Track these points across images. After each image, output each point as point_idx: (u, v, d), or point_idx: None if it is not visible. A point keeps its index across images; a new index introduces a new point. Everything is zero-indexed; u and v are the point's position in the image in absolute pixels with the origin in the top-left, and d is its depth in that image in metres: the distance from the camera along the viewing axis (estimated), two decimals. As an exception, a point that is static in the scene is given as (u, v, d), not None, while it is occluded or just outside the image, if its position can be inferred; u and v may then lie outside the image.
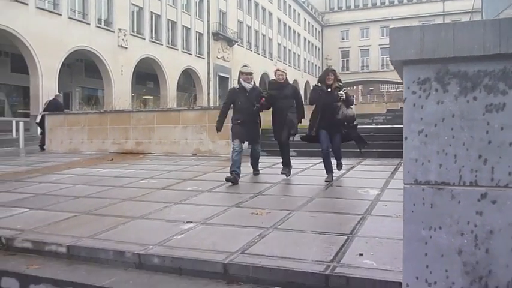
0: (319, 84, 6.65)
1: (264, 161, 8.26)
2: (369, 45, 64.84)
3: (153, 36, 34.25)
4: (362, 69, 65.82)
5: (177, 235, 3.92)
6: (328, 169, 6.56)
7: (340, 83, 6.55)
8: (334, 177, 6.66)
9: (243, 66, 6.94)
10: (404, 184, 1.73)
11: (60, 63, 25.99)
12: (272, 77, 7.47)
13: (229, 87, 27.83)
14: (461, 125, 1.67)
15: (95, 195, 5.99)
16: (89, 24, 28.09)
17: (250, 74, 6.96)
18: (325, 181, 6.39)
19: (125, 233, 4.04)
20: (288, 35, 59.19)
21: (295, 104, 6.87)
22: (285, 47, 57.91)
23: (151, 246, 3.60)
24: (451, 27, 1.66)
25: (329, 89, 6.43)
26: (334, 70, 6.68)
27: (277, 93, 6.79)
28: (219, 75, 42.48)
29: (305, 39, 64.74)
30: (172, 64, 35.10)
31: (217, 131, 6.94)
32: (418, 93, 1.73)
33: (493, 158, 1.62)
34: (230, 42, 44.06)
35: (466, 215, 1.66)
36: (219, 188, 6.24)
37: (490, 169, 1.63)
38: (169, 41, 36.24)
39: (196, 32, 39.86)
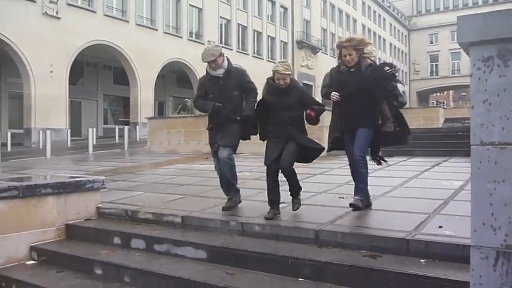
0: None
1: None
2: (460, 48, 61.66)
3: (240, 47, 35.75)
4: (453, 73, 62.75)
5: (273, 211, 4.49)
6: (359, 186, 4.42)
7: (370, 58, 4.35)
8: (417, 174, 6.72)
9: (202, 54, 4.64)
10: (471, 145, 2.11)
11: (156, 75, 28.13)
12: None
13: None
14: (521, 93, 2.02)
15: (197, 183, 6.77)
16: (181, 37, 30.11)
17: (210, 61, 4.55)
18: (351, 206, 4.28)
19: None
20: (373, 40, 58.24)
21: (303, 117, 4.54)
22: (369, 53, 57.01)
23: (251, 218, 4.19)
24: (510, 13, 2.03)
25: (352, 69, 4.28)
26: (351, 40, 4.24)
27: (275, 102, 4.40)
28: (303, 83, 43.05)
29: (391, 44, 63.30)
30: (258, 73, 36.23)
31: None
32: (482, 69, 2.11)
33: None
34: (314, 49, 44.51)
35: (526, 169, 2.00)
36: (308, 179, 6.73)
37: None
38: (255, 51, 37.56)
39: (281, 41, 40.85)
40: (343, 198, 5.06)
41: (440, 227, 3.58)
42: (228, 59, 4.72)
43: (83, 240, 4.66)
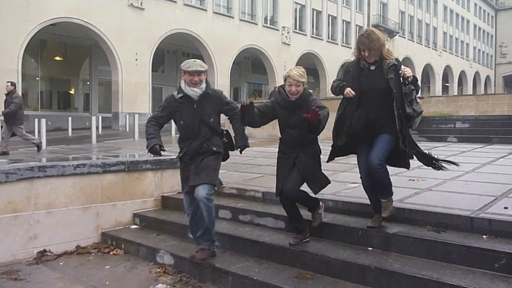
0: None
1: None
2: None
3: (314, 32, 35.74)
4: (546, 57, 58.11)
5: (345, 190, 4.90)
6: (376, 207, 3.86)
7: (394, 57, 3.78)
8: (491, 160, 6.75)
9: (184, 62, 3.92)
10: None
11: (232, 62, 29.04)
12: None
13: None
14: None
15: (274, 164, 7.27)
16: (256, 24, 30.73)
17: (199, 72, 3.83)
18: (368, 227, 3.82)
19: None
20: (455, 22, 55.35)
21: (315, 134, 3.85)
22: (451, 36, 54.32)
23: (325, 195, 4.62)
24: None
25: (371, 67, 3.76)
26: (371, 34, 3.68)
27: (283, 117, 3.87)
28: (378, 68, 42.08)
29: (475, 25, 59.74)
30: (333, 58, 36.09)
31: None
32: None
33: None
34: (391, 33, 43.24)
35: None
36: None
37: None
38: (329, 36, 37.32)
39: (356, 25, 40.16)
40: (413, 180, 5.34)
41: (506, 207, 3.80)
42: (207, 81, 3.93)
43: (177, 210, 5.36)
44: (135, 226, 5.36)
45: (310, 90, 4.01)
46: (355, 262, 3.44)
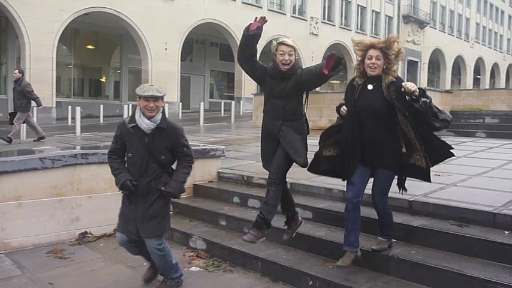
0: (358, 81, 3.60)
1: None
2: None
3: (343, 22, 35.44)
4: None
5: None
6: (349, 239, 3.45)
7: (394, 75, 3.44)
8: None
9: (140, 86, 3.51)
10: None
11: (260, 51, 29.14)
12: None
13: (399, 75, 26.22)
14: None
15: (301, 156, 7.46)
16: (284, 14, 30.71)
17: (155, 97, 3.40)
18: (337, 265, 3.54)
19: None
20: (489, 13, 53.84)
21: (302, 107, 3.71)
22: (484, 27, 52.93)
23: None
24: None
25: (369, 86, 3.47)
26: (377, 48, 3.42)
27: (270, 86, 3.68)
28: (408, 60, 41.50)
29: (510, 16, 58.00)
30: (360, 49, 35.70)
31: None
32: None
33: None
34: (421, 24, 42.51)
35: None
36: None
37: None
38: (358, 26, 36.96)
39: (386, 15, 39.64)
40: (439, 175, 5.44)
41: (529, 204, 3.90)
42: (164, 112, 3.53)
43: (208, 198, 5.62)
44: (169, 212, 5.65)
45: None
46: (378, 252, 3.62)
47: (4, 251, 4.57)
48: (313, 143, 3.82)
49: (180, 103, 24.14)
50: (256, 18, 3.63)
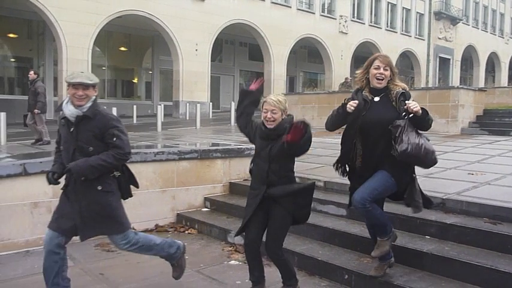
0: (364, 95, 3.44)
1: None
2: None
3: (373, 20, 35.12)
4: None
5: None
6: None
7: (401, 85, 3.40)
8: None
9: (70, 73, 3.54)
10: None
11: (289, 51, 29.26)
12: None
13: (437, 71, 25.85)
14: None
15: (332, 155, 7.55)
16: (313, 13, 30.67)
17: (84, 85, 3.15)
18: (370, 276, 3.58)
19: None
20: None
21: (290, 169, 3.49)
22: (519, 22, 51.42)
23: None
24: None
25: (375, 98, 3.38)
26: (385, 58, 3.39)
27: (259, 145, 3.43)
28: (439, 57, 40.77)
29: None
30: (391, 47, 35.36)
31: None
32: None
33: None
34: (454, 20, 41.64)
35: None
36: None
37: None
38: (388, 24, 36.54)
39: (417, 12, 39.01)
40: (473, 174, 5.49)
41: None
42: (95, 101, 3.23)
43: (244, 196, 5.76)
44: (206, 209, 5.89)
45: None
46: (412, 248, 3.73)
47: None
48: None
49: (211, 103, 24.51)
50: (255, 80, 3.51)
